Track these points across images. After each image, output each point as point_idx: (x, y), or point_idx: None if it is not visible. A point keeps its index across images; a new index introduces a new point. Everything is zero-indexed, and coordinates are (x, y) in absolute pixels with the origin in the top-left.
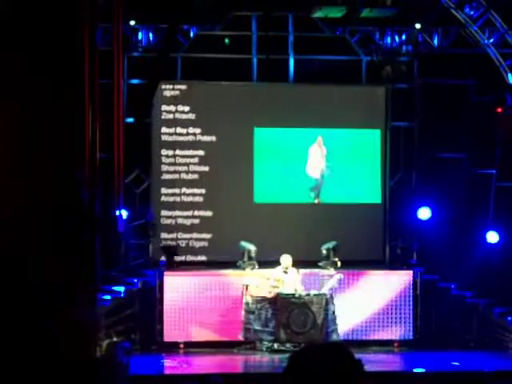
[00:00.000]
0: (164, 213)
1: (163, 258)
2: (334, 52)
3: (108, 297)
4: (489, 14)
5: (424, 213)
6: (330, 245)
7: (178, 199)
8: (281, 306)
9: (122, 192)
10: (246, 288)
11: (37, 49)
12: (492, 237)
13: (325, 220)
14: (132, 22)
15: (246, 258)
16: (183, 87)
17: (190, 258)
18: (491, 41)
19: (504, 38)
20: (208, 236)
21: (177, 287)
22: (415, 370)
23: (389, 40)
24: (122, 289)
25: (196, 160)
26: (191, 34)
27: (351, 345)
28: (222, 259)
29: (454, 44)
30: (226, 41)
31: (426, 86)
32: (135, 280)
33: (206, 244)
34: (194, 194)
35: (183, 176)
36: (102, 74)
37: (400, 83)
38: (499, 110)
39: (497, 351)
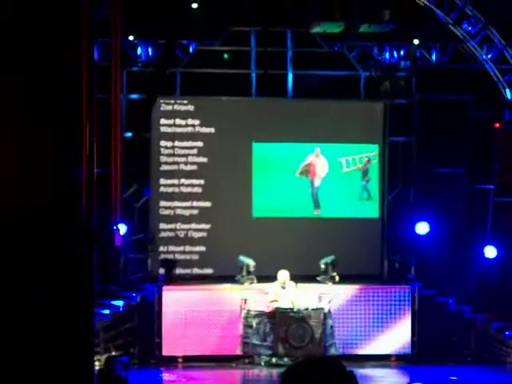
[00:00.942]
0: (163, 203)
1: (162, 273)
2: (332, 67)
3: (107, 311)
4: (487, 29)
5: (422, 227)
6: (329, 259)
7: (176, 190)
8: (279, 320)
9: (119, 206)
10: (245, 302)
11: (34, 65)
12: (490, 252)
13: (323, 234)
14: (131, 37)
15: (244, 273)
16: (182, 103)
17: (188, 248)
18: (489, 56)
19: (502, 54)
20: (207, 226)
21: (175, 301)
22: None
23: (387, 55)
24: (120, 303)
25: (194, 187)
26: (190, 50)
27: (349, 359)
28: (221, 273)
29: (452, 60)
30: (225, 56)
31: (424, 101)
32: (134, 294)
33: (204, 235)
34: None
35: (182, 185)
36: (101, 88)
37: (398, 98)
38: (497, 125)
39: (495, 366)
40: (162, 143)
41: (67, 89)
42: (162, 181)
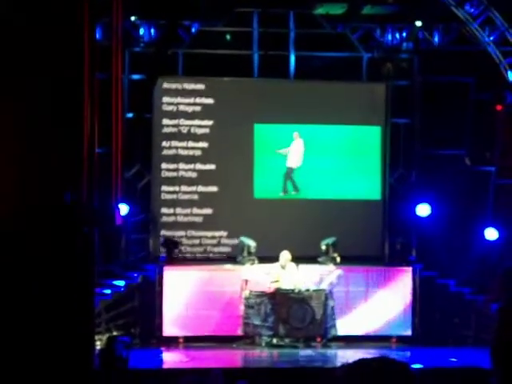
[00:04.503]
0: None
1: (163, 253)
2: (334, 48)
3: (108, 291)
4: (489, 11)
5: (423, 209)
6: (330, 240)
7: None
8: (280, 301)
9: (120, 186)
10: (246, 283)
11: (35, 43)
12: (491, 234)
13: (324, 216)
14: (133, 18)
15: (245, 254)
16: (184, 83)
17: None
18: (491, 38)
19: (504, 36)
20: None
21: (176, 282)
22: (413, 366)
23: (389, 37)
24: (122, 283)
25: (197, 153)
26: (193, 30)
27: (349, 340)
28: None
29: (454, 41)
30: (228, 37)
31: (426, 83)
32: (135, 274)
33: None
34: (192, 192)
35: (182, 174)
36: (104, 69)
37: (400, 80)
38: (499, 107)
39: None
40: (164, 122)
41: (69, 69)
42: (164, 165)
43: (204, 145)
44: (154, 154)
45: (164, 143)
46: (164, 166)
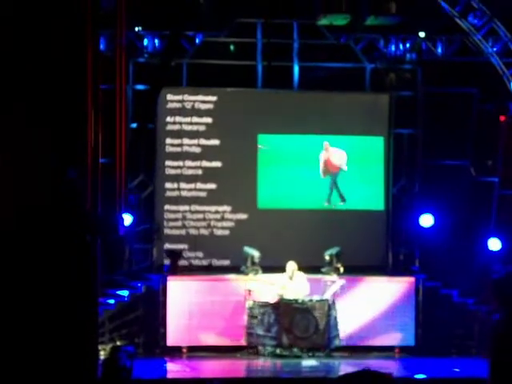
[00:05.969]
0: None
1: (167, 263)
2: (338, 59)
3: (112, 301)
4: (492, 23)
5: (426, 220)
6: (333, 251)
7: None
8: (283, 311)
9: (123, 196)
10: (249, 293)
11: (39, 54)
12: (494, 244)
13: (328, 226)
14: (138, 28)
15: (249, 264)
16: (188, 93)
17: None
18: (495, 49)
19: (507, 47)
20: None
21: (180, 292)
22: (416, 377)
23: (393, 48)
24: (125, 293)
25: (200, 172)
26: (197, 41)
27: (353, 351)
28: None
29: (457, 52)
30: (231, 47)
31: (429, 93)
32: (139, 284)
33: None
34: (196, 167)
35: (186, 149)
36: (108, 79)
37: (404, 91)
38: (502, 118)
39: None
40: (168, 133)
41: (73, 79)
42: (168, 163)
43: (208, 120)
44: (157, 164)
45: (168, 118)
46: (169, 141)
